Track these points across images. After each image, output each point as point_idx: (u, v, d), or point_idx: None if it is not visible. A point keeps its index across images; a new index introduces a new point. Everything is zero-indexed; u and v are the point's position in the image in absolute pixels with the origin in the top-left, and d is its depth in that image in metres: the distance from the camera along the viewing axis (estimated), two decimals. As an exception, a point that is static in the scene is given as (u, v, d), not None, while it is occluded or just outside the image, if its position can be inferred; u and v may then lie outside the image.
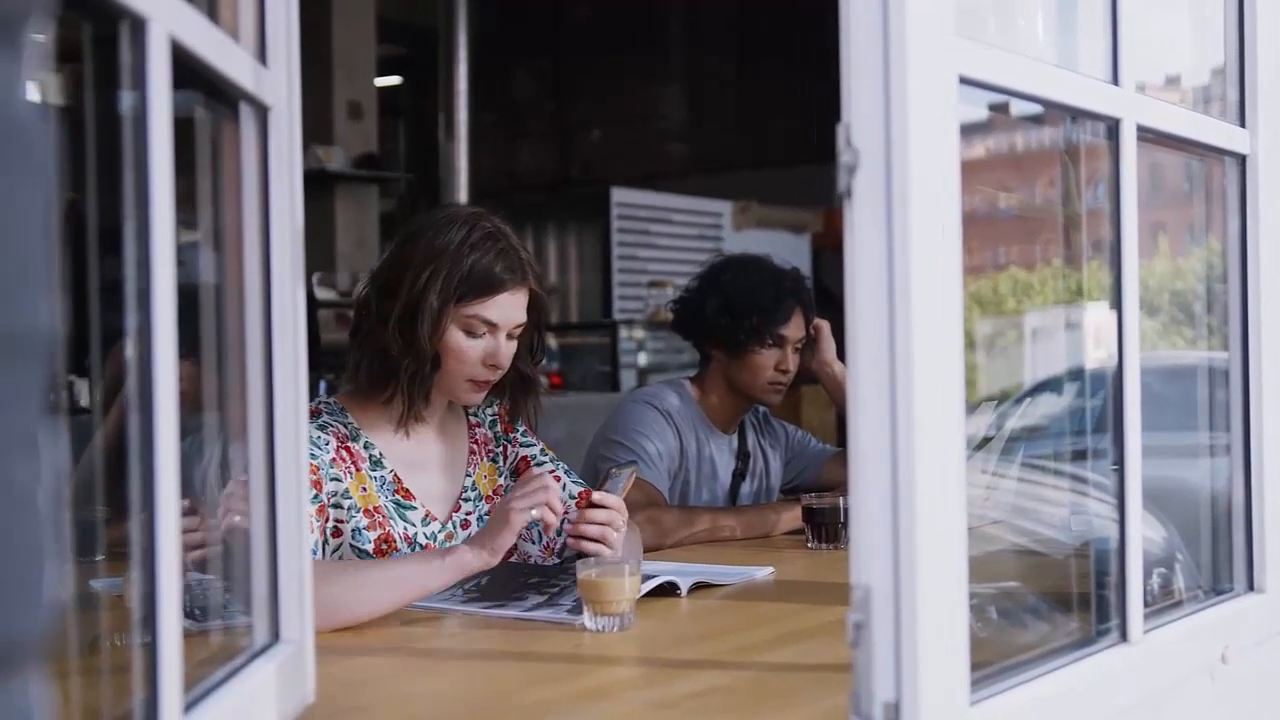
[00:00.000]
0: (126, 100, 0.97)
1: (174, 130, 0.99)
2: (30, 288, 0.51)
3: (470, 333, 2.11)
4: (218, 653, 1.30)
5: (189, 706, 1.04)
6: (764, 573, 2.27)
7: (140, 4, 0.94)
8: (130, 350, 0.97)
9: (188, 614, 1.06)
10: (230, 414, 1.34)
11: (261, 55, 1.30)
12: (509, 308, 2.12)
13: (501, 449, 2.32)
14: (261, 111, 1.29)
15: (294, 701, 1.33)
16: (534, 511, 1.90)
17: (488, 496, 2.27)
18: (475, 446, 2.29)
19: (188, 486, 1.01)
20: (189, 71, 1.06)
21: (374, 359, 2.13)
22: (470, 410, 2.31)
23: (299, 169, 1.34)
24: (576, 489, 2.31)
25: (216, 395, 1.32)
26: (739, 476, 3.03)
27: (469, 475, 2.26)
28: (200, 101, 1.22)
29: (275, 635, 1.32)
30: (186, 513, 1.02)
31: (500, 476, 2.30)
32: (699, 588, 2.10)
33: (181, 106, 1.02)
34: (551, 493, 1.92)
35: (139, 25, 0.95)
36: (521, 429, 2.36)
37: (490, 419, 2.33)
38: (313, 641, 1.37)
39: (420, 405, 2.15)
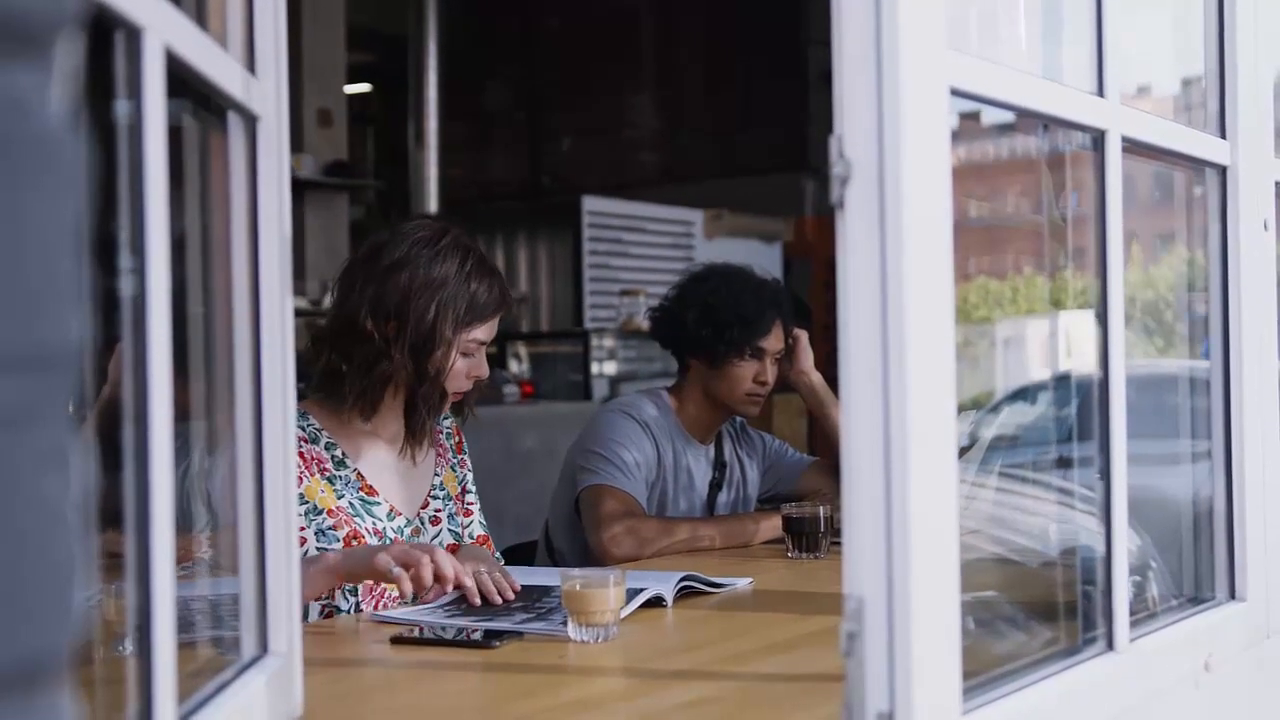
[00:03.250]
0: (121, 109, 0.96)
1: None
2: (61, 301, 0.50)
3: (466, 354, 2.22)
4: (204, 665, 1.29)
5: (181, 720, 1.03)
6: (744, 583, 2.27)
7: (136, 13, 0.93)
8: (123, 358, 0.96)
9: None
10: (216, 423, 1.33)
11: (250, 64, 1.29)
12: (496, 326, 2.26)
13: (460, 461, 2.42)
14: (250, 121, 1.28)
15: (282, 715, 1.32)
16: (395, 570, 1.87)
17: (455, 497, 2.37)
18: (441, 450, 2.38)
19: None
20: (178, 80, 1.06)
21: (378, 382, 2.17)
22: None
23: (287, 179, 1.33)
24: (480, 531, 2.40)
25: (203, 404, 1.31)
26: (716, 486, 3.02)
27: (437, 475, 2.34)
28: (187, 110, 1.21)
29: (264, 648, 1.31)
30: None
31: (459, 484, 2.40)
32: (685, 595, 2.09)
33: (170, 115, 1.01)
34: (424, 567, 1.89)
35: (134, 34, 0.94)
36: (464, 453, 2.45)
37: (446, 431, 2.41)
38: (301, 654, 1.36)
39: (430, 426, 2.25)
